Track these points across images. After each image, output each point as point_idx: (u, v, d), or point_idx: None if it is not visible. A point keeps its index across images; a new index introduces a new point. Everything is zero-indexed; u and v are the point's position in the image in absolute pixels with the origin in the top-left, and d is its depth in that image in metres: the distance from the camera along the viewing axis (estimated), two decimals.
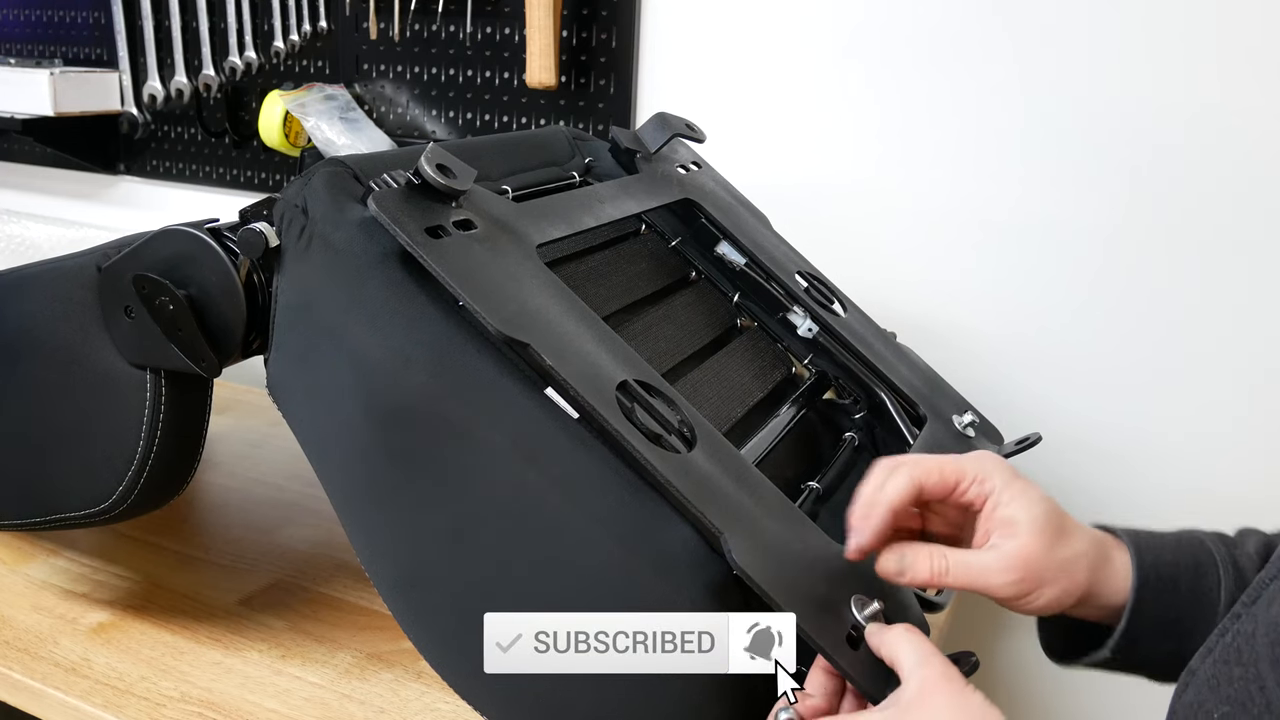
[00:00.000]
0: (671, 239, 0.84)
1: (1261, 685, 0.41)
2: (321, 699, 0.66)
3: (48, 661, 0.69)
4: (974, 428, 0.77)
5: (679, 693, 0.51)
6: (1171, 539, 0.54)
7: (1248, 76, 0.87)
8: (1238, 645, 0.44)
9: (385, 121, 1.21)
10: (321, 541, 0.86)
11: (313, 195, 0.59)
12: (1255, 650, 0.42)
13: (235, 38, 1.25)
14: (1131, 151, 0.92)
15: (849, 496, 0.69)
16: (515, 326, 0.53)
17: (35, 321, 0.68)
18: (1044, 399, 0.99)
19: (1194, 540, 0.55)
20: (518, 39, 1.11)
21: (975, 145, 0.97)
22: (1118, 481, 0.98)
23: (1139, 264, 0.94)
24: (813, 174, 1.04)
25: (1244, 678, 0.42)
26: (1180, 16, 0.88)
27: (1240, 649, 0.43)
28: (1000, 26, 0.94)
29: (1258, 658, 0.42)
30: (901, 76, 0.98)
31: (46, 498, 0.70)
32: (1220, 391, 0.93)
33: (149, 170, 1.39)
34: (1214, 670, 0.44)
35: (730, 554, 0.50)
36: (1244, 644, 0.43)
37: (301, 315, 0.59)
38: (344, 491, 0.59)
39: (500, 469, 0.53)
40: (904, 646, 0.48)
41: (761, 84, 1.04)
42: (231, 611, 0.75)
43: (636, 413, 0.54)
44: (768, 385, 0.79)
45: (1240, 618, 0.45)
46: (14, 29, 1.42)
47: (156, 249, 0.61)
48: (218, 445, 1.05)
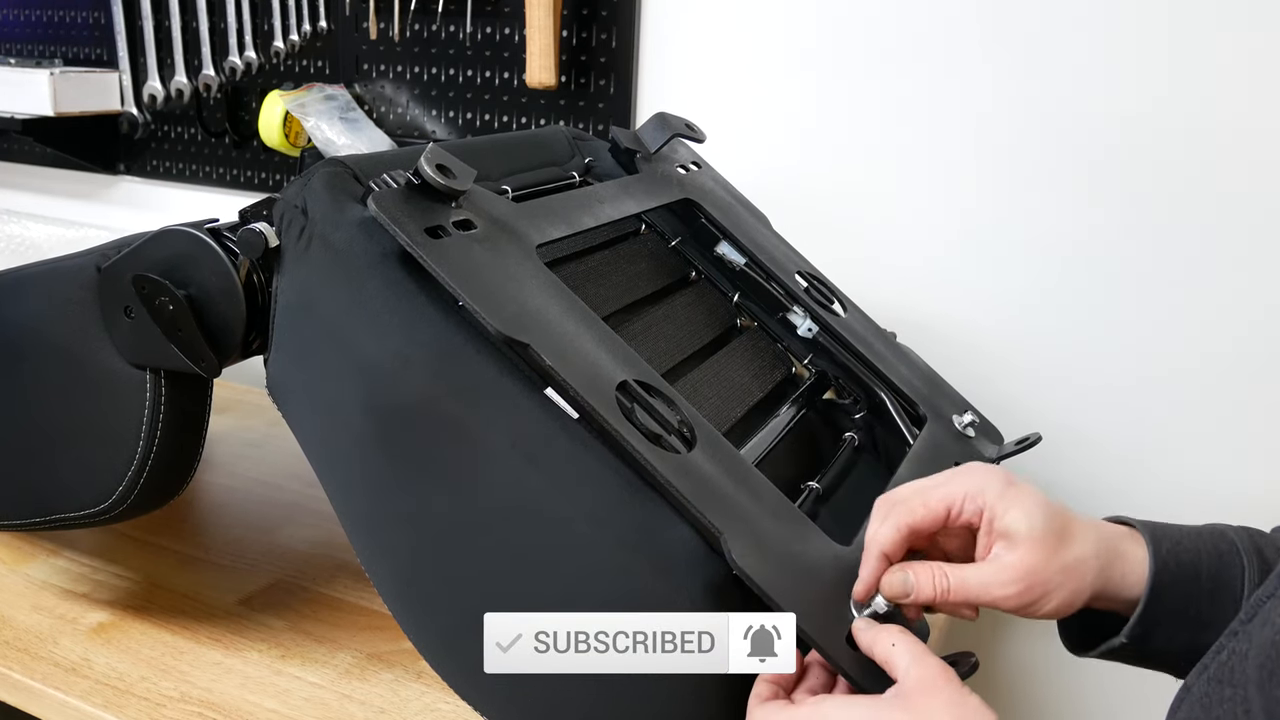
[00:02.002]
0: (671, 239, 0.84)
1: (1248, 709, 0.41)
2: (321, 699, 0.66)
3: (47, 661, 0.69)
4: (974, 427, 0.77)
5: (679, 693, 0.51)
6: (1192, 529, 0.54)
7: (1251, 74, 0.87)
8: (1231, 665, 0.43)
9: (385, 121, 1.21)
10: (321, 541, 0.86)
11: (312, 195, 0.59)
12: (1246, 672, 0.42)
13: (235, 38, 1.25)
14: (1134, 152, 0.92)
15: (849, 497, 0.69)
16: (515, 327, 0.53)
17: (35, 321, 0.68)
18: (1044, 399, 0.99)
19: (1216, 531, 0.54)
20: (518, 39, 1.11)
21: (976, 145, 0.97)
22: (1118, 481, 0.98)
23: (1140, 264, 0.93)
24: (812, 174, 1.04)
25: (1233, 699, 0.42)
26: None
27: (1234, 669, 0.43)
28: (1003, 26, 0.94)
29: (1247, 680, 0.41)
30: (902, 76, 0.98)
31: (46, 498, 0.70)
32: (1220, 391, 0.93)
33: (149, 170, 1.39)
34: (1207, 689, 0.44)
35: (730, 554, 0.50)
36: (1237, 664, 0.43)
37: (301, 315, 0.59)
38: (344, 491, 0.59)
39: (500, 469, 0.53)
40: (896, 647, 0.48)
41: (762, 84, 1.04)
42: (231, 611, 0.75)
43: (636, 413, 0.54)
44: (768, 385, 0.79)
45: (1237, 635, 0.44)
46: (14, 29, 1.42)
47: (156, 249, 0.61)
48: (218, 445, 1.05)
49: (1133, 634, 0.52)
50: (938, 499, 0.52)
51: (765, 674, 0.50)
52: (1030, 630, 1.04)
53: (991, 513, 0.51)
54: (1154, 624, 0.51)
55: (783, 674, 0.50)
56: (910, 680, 0.46)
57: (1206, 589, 0.52)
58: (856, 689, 0.50)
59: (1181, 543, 0.53)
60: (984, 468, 0.54)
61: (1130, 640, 0.52)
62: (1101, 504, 0.98)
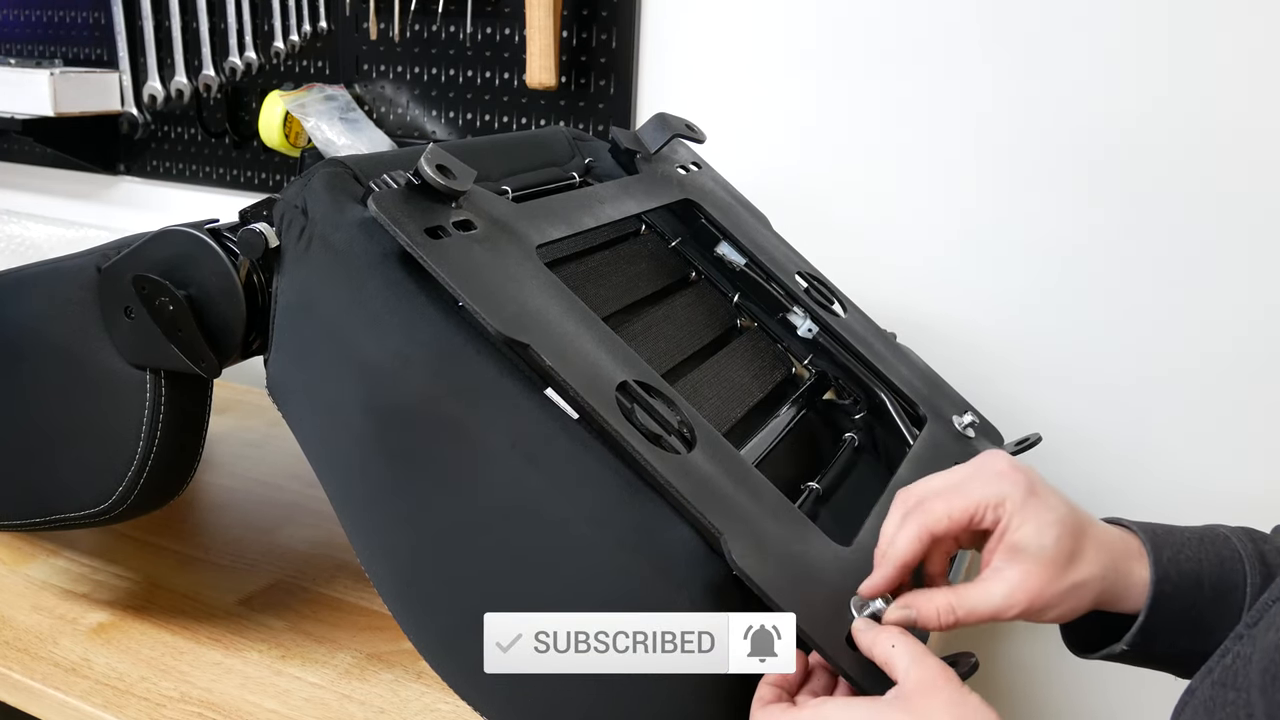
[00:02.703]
0: (671, 239, 0.84)
1: (1250, 713, 0.40)
2: (321, 699, 0.66)
3: (47, 661, 0.69)
4: (974, 428, 0.77)
5: (679, 692, 0.51)
6: (1194, 534, 0.54)
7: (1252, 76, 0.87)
8: (1235, 669, 0.43)
9: (385, 122, 1.21)
10: (321, 541, 0.86)
11: (312, 196, 0.59)
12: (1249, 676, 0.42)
13: (235, 38, 1.25)
14: (1134, 152, 0.92)
15: (849, 497, 0.69)
16: (515, 327, 0.53)
17: (35, 322, 0.68)
18: (1044, 399, 0.99)
19: (1218, 536, 0.54)
20: (518, 39, 1.11)
21: (976, 146, 0.97)
22: (1117, 481, 0.98)
23: (1140, 264, 0.94)
24: (812, 174, 1.04)
25: (1236, 702, 0.42)
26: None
27: (1238, 673, 0.43)
28: (1003, 27, 0.94)
29: (1250, 684, 0.41)
30: (902, 76, 0.98)
31: (46, 498, 0.70)
32: (1220, 391, 0.93)
33: (149, 170, 1.39)
34: (1211, 693, 0.44)
35: (729, 555, 0.50)
36: (1241, 668, 0.43)
37: (301, 316, 0.59)
38: (344, 492, 0.59)
39: (500, 469, 0.53)
40: (896, 648, 0.48)
41: (762, 84, 1.04)
42: (231, 611, 0.75)
43: (636, 413, 0.54)
44: (768, 386, 0.79)
45: (1242, 638, 0.44)
46: (14, 29, 1.42)
47: (156, 249, 0.61)
48: (218, 445, 1.05)
49: (1134, 641, 0.52)
50: (962, 508, 0.51)
51: (767, 676, 0.50)
52: (1030, 631, 1.04)
53: (1008, 524, 0.50)
54: (1156, 632, 0.51)
55: (785, 676, 0.50)
56: (910, 681, 0.46)
57: (1209, 596, 0.51)
58: (857, 690, 0.50)
59: (1183, 550, 0.52)
60: (1009, 468, 0.52)
61: (1131, 647, 0.52)
62: (1101, 504, 0.98)
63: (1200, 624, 0.51)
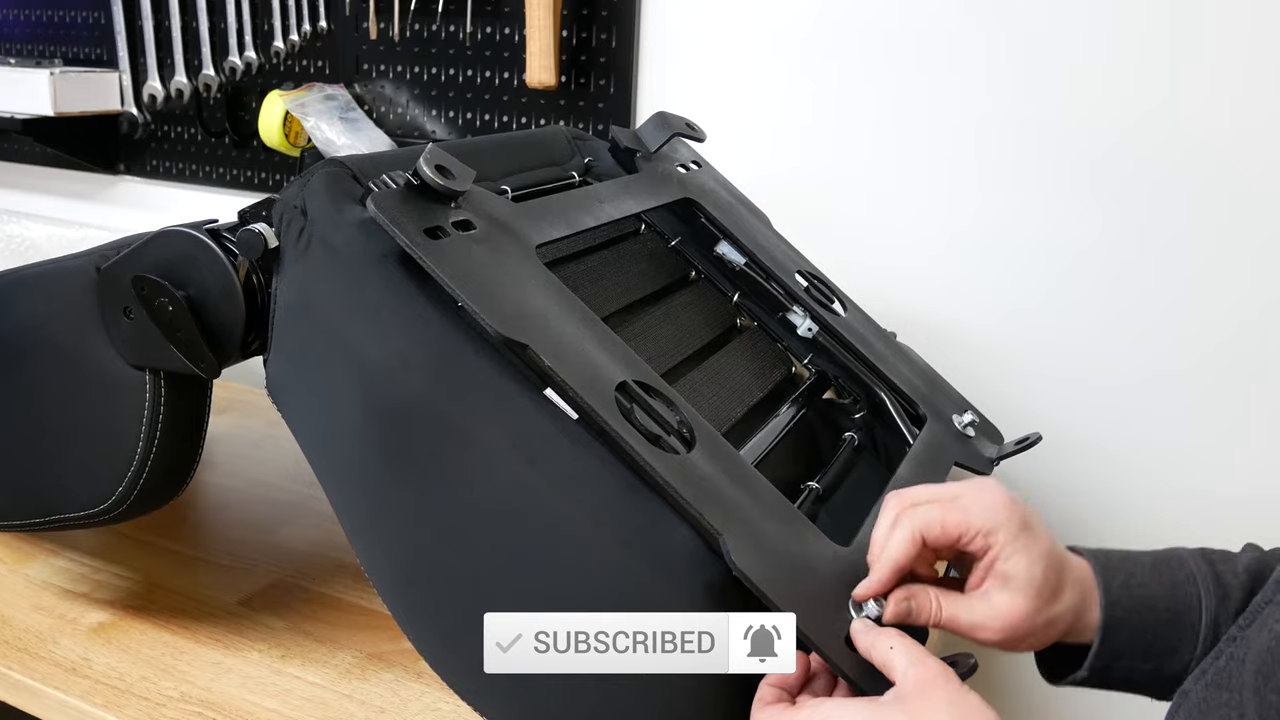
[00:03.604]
0: (671, 239, 0.84)
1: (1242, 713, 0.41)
2: (321, 699, 0.66)
3: (47, 661, 0.69)
4: (974, 427, 0.77)
5: (679, 692, 0.51)
6: (1148, 558, 0.55)
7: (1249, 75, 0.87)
8: (1229, 670, 0.43)
9: (385, 121, 1.21)
10: (321, 541, 0.86)
11: (312, 196, 0.59)
12: (1242, 678, 0.42)
13: (235, 38, 1.25)
14: (1135, 153, 0.92)
15: (848, 497, 0.69)
16: (514, 327, 0.53)
17: (35, 322, 0.68)
18: (1044, 398, 0.99)
19: (1172, 559, 0.55)
20: (518, 39, 1.11)
21: (976, 146, 0.97)
22: (1117, 481, 0.98)
23: (1140, 264, 0.93)
24: (813, 173, 1.04)
25: (1228, 703, 0.42)
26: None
27: (1231, 674, 0.43)
28: (1004, 27, 0.94)
29: (1243, 685, 0.42)
30: (903, 76, 0.98)
31: (46, 499, 0.70)
32: (1220, 391, 0.93)
33: (149, 170, 1.39)
34: (1204, 694, 0.44)
35: (729, 555, 0.50)
36: (1235, 669, 0.43)
37: (301, 316, 0.59)
38: (343, 492, 0.59)
39: (499, 469, 0.53)
40: (895, 649, 0.48)
41: (762, 83, 1.04)
42: (231, 611, 0.75)
43: (635, 413, 0.54)
44: (767, 385, 0.79)
45: (1235, 641, 0.45)
46: (14, 29, 1.42)
47: (156, 250, 0.61)
48: (218, 445, 1.05)
49: (1093, 667, 0.54)
50: (955, 523, 0.51)
51: (769, 677, 0.50)
52: None
53: (999, 552, 0.51)
54: (1113, 657, 0.53)
55: (786, 677, 0.50)
56: (909, 682, 0.46)
57: (1164, 619, 0.53)
58: (856, 690, 0.50)
59: (1135, 575, 0.54)
60: (1007, 500, 0.53)
61: (1092, 673, 0.54)
62: (1101, 504, 0.98)
63: (1156, 648, 0.53)
